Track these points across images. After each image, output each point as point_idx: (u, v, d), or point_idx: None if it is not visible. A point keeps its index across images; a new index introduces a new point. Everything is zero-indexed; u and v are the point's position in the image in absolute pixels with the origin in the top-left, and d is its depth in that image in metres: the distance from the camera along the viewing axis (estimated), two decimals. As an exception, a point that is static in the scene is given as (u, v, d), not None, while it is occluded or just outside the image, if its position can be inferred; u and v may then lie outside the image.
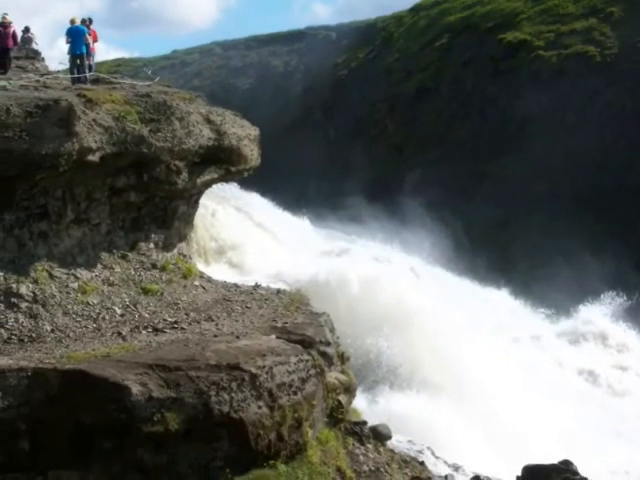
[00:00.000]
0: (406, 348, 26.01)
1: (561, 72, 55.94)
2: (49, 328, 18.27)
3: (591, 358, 34.63)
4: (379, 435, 20.72)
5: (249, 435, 16.04)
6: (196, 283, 22.66)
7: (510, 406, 25.36)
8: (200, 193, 24.80)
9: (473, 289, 37.86)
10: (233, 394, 15.98)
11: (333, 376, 19.85)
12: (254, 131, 25.61)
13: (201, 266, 25.38)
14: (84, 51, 25.45)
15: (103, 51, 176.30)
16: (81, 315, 18.99)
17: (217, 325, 19.57)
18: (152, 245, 22.44)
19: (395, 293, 27.63)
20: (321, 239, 37.97)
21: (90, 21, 27.98)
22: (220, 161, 24.06)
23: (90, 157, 19.30)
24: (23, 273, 18.83)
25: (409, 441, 21.90)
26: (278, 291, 23.50)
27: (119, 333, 18.60)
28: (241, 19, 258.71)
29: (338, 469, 18.08)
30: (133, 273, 21.27)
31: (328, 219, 44.05)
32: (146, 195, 22.03)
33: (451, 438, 22.91)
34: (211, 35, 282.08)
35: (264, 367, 16.62)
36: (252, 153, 25.19)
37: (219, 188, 29.83)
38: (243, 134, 24.62)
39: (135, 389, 15.44)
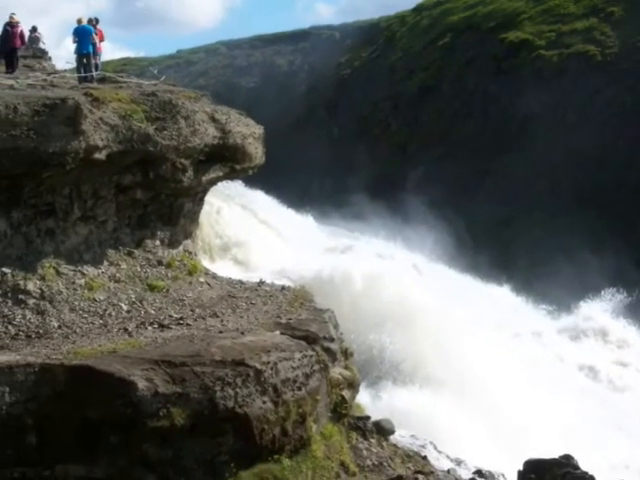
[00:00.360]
0: (409, 344, 26.03)
1: (562, 71, 55.94)
2: (56, 324, 18.44)
3: (592, 354, 34.63)
4: (382, 430, 20.86)
5: (254, 430, 16.22)
6: (201, 280, 22.80)
7: (512, 401, 25.38)
8: (205, 191, 24.97)
9: (475, 286, 37.80)
10: (238, 389, 16.16)
11: (337, 371, 20.01)
12: (258, 129, 25.76)
13: (206, 263, 25.47)
14: (91, 50, 25.61)
15: (109, 50, 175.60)
16: (88, 311, 19.16)
17: (222, 321, 19.72)
18: (158, 242, 22.60)
19: (398, 290, 27.60)
20: (325, 236, 37.89)
21: (97, 21, 28.10)
22: (225, 159, 24.24)
23: (96, 155, 19.50)
24: (30, 270, 19.02)
25: (412, 436, 21.97)
26: (282, 287, 23.61)
27: (125, 329, 18.78)
28: (246, 19, 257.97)
29: (342, 463, 18.27)
30: (139, 270, 21.44)
31: (332, 216, 43.94)
32: (152, 193, 22.20)
33: (453, 433, 22.94)
34: (216, 35, 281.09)
35: (269, 363, 16.80)
36: (256, 151, 25.35)
37: (224, 186, 29.93)
38: (248, 132, 24.78)
39: (141, 384, 15.63)
